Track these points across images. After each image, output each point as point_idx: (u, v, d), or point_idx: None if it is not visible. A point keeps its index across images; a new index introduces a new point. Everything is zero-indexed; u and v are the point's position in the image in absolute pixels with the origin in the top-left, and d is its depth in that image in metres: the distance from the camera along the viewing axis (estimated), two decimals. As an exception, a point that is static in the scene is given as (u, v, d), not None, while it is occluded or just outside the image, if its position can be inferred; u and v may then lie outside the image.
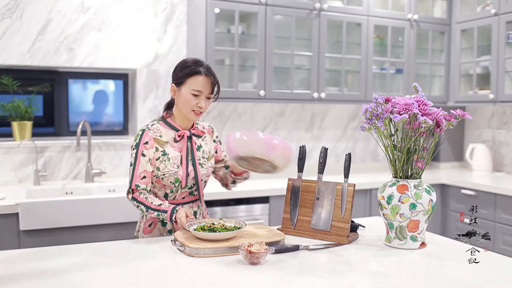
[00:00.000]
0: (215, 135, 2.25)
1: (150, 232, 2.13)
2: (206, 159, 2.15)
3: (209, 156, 2.18)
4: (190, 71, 2.02)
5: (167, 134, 2.08)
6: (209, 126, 2.26)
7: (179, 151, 2.08)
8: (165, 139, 2.06)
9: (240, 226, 1.92)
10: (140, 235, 2.15)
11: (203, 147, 2.16)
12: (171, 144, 2.07)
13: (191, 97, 2.01)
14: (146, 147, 2.03)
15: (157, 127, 2.08)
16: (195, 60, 2.07)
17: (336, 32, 3.92)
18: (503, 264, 1.70)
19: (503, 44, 3.72)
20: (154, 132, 2.06)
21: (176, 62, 3.62)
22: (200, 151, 2.14)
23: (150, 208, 1.98)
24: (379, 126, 1.82)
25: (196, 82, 2.01)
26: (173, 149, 2.07)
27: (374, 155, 4.42)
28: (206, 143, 2.18)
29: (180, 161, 2.06)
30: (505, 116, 4.15)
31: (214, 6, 3.36)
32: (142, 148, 2.02)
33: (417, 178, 1.88)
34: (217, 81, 2.07)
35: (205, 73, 2.02)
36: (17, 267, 1.60)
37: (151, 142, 2.04)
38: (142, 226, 2.14)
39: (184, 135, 2.08)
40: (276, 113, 4.00)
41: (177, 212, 1.96)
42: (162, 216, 1.97)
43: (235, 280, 1.50)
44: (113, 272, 1.56)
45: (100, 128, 3.75)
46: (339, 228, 1.98)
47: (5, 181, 3.21)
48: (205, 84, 2.02)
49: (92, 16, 3.40)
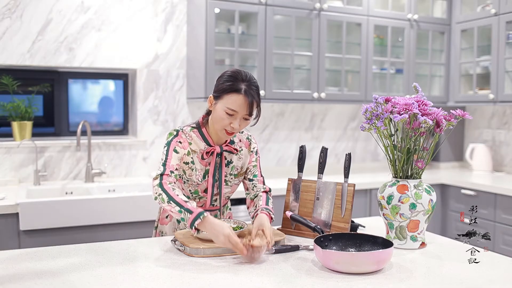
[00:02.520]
0: (253, 147, 2.07)
1: (166, 223, 2.09)
2: (233, 176, 2.01)
3: (239, 172, 2.02)
4: (228, 87, 1.82)
5: (198, 144, 1.94)
6: (247, 138, 2.06)
7: (205, 165, 1.95)
8: (194, 148, 1.94)
9: (241, 226, 1.92)
10: (159, 225, 2.12)
11: (234, 163, 2.00)
12: (198, 155, 1.94)
13: (225, 116, 1.82)
14: (180, 145, 1.91)
15: (190, 134, 1.95)
16: (236, 73, 1.85)
17: (336, 32, 3.92)
18: (503, 264, 1.70)
19: (503, 44, 3.72)
20: (186, 137, 1.94)
21: (176, 62, 3.66)
22: (228, 168, 1.99)
23: (174, 200, 1.75)
24: (379, 126, 1.82)
25: (233, 100, 1.81)
26: (199, 161, 1.94)
27: (374, 155, 4.42)
28: (240, 158, 2.02)
29: (203, 176, 1.94)
30: (505, 116, 4.15)
31: (214, 6, 3.36)
32: (175, 145, 1.90)
33: (417, 178, 1.88)
34: (258, 102, 1.85)
35: (245, 93, 1.80)
36: (17, 267, 1.60)
37: (185, 143, 1.92)
38: (161, 217, 2.11)
39: (214, 151, 1.93)
40: (276, 113, 4.00)
41: (204, 218, 1.69)
42: (184, 215, 1.72)
43: (235, 280, 1.50)
44: (113, 272, 1.56)
45: (100, 128, 3.75)
46: (339, 228, 1.98)
47: (5, 181, 3.21)
48: (242, 105, 1.81)
49: (92, 16, 3.40)
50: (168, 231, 2.10)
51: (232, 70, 1.88)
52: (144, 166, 3.60)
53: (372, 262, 1.55)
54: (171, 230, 2.09)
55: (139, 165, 3.58)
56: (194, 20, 3.55)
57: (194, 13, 3.54)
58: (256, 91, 1.85)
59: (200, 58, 3.41)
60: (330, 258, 1.57)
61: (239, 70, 1.87)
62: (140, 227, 2.91)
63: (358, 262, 1.55)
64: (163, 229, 2.11)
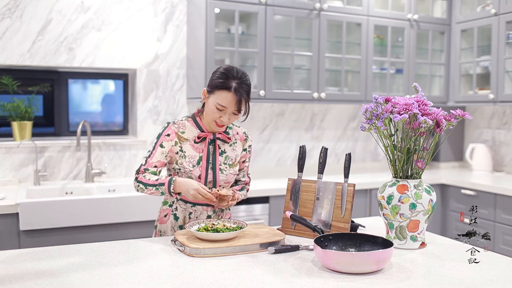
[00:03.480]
0: (248, 144, 2.17)
1: (164, 223, 2.12)
2: (228, 165, 2.09)
3: (233, 162, 2.11)
4: (219, 83, 1.95)
5: (191, 132, 2.06)
6: (244, 133, 2.18)
7: (198, 151, 2.05)
8: (186, 136, 2.05)
9: (242, 226, 1.92)
10: (158, 225, 2.15)
11: (228, 153, 2.10)
12: (191, 142, 2.05)
13: (215, 110, 1.96)
14: (167, 138, 2.04)
15: (184, 123, 2.08)
16: (228, 71, 1.96)
17: (336, 32, 3.92)
18: (503, 264, 1.70)
19: (503, 44, 3.72)
20: (178, 127, 2.06)
21: (176, 62, 3.66)
22: (222, 157, 2.08)
23: (148, 184, 1.99)
24: (379, 126, 1.82)
25: (223, 97, 1.94)
26: (192, 148, 2.04)
27: (374, 155, 4.42)
28: (234, 149, 2.12)
29: (197, 161, 2.03)
30: (505, 116, 4.15)
31: (214, 6, 3.36)
32: (163, 140, 2.04)
33: (417, 178, 1.88)
34: (246, 99, 1.97)
35: (234, 90, 1.92)
36: (17, 267, 1.60)
37: (173, 135, 2.04)
38: (160, 216, 2.14)
39: (206, 137, 2.04)
40: (276, 113, 4.00)
41: (175, 182, 1.95)
42: (161, 189, 1.96)
43: (235, 280, 1.50)
44: (113, 272, 1.56)
45: (100, 128, 3.75)
46: (339, 228, 1.98)
47: (5, 181, 3.21)
48: (231, 102, 1.94)
49: (92, 16, 3.40)
50: (167, 230, 2.11)
51: (225, 67, 1.99)
52: (144, 166, 3.59)
53: (372, 262, 1.55)
54: (170, 229, 2.11)
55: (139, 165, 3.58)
56: (194, 20, 3.55)
57: (194, 13, 3.54)
58: (246, 89, 1.96)
59: (200, 58, 3.41)
60: (330, 258, 1.57)
61: (232, 67, 1.99)
62: (140, 227, 2.91)
63: (358, 262, 1.55)
64: (162, 229, 2.13)
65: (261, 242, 1.81)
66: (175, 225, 2.10)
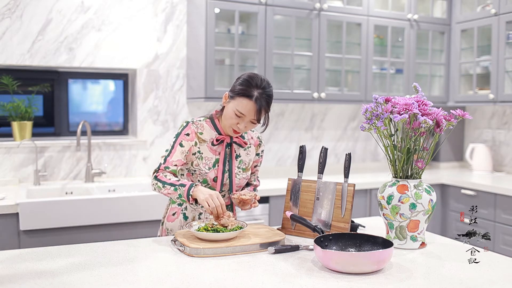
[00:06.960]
0: (261, 149, 2.18)
1: (173, 221, 2.11)
2: (242, 169, 2.09)
3: (246, 167, 2.11)
4: (241, 90, 1.92)
5: (209, 133, 2.04)
6: (258, 138, 2.18)
7: (215, 154, 2.03)
8: (204, 138, 2.03)
9: (241, 226, 1.92)
10: (165, 223, 2.14)
11: (242, 157, 2.09)
12: (208, 144, 2.03)
13: (234, 116, 1.94)
14: (186, 138, 2.01)
15: (202, 124, 2.05)
16: (252, 79, 1.94)
17: (336, 32, 3.92)
18: (503, 264, 1.70)
19: (503, 44, 3.72)
20: (196, 127, 2.03)
21: (176, 62, 3.66)
22: (237, 160, 2.08)
23: (167, 183, 1.94)
24: (379, 126, 1.82)
25: (243, 104, 1.92)
26: (209, 150, 2.03)
27: (374, 155, 4.42)
28: (248, 154, 2.12)
29: (213, 164, 2.02)
30: (505, 116, 4.15)
31: (214, 6, 3.36)
32: (182, 139, 2.01)
33: (417, 178, 1.88)
34: (266, 110, 1.95)
35: (255, 100, 1.90)
36: (17, 267, 1.60)
37: (192, 135, 2.02)
38: (168, 214, 2.13)
39: (224, 140, 2.03)
40: (276, 113, 4.00)
41: (196, 187, 1.89)
42: (180, 190, 1.90)
43: (235, 280, 1.50)
44: (113, 272, 1.56)
45: (100, 128, 3.75)
46: (339, 228, 1.98)
47: (5, 181, 3.21)
48: (250, 110, 1.92)
49: (92, 16, 3.40)
50: (175, 228, 2.11)
51: (250, 75, 1.96)
52: (144, 166, 3.60)
53: (372, 262, 1.55)
54: (178, 228, 2.10)
55: (139, 165, 3.59)
56: (194, 20, 3.55)
57: (194, 13, 3.54)
58: (267, 99, 1.94)
59: (200, 58, 3.41)
60: (330, 258, 1.57)
61: (257, 76, 1.96)
62: (140, 227, 2.91)
63: (358, 262, 1.55)
64: (169, 227, 2.12)
65: (261, 242, 1.81)
66: (184, 224, 2.10)
